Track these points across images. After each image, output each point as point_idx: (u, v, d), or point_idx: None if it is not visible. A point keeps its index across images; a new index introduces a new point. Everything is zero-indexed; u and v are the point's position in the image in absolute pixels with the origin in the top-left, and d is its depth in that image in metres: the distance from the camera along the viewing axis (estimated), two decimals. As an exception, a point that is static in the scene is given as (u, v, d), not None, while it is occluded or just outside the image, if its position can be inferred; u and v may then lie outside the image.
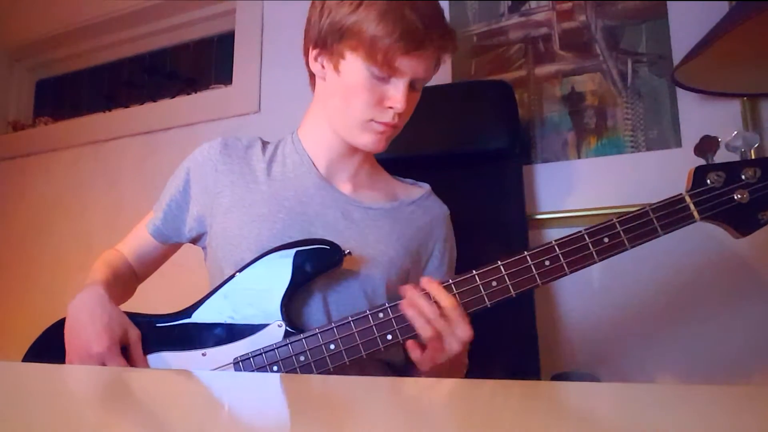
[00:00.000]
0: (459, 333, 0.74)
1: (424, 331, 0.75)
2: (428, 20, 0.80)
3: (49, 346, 0.86)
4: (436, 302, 0.75)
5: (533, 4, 1.38)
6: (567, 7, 1.34)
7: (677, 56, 1.21)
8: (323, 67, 0.87)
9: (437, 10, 0.83)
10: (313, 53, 0.87)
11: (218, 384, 0.61)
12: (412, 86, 0.84)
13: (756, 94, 1.14)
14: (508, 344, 0.80)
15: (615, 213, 1.16)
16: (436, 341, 0.75)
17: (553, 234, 1.27)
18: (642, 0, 1.27)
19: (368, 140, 0.86)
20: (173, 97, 1.93)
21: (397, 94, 0.82)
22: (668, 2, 1.25)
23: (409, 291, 0.76)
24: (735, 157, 0.78)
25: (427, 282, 0.76)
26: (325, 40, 0.84)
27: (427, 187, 1.01)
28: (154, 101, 1.95)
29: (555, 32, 1.35)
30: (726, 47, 1.00)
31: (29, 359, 0.87)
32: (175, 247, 1.01)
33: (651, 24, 1.26)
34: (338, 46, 0.83)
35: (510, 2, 1.40)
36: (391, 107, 0.83)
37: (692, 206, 0.76)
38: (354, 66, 0.82)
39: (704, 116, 1.18)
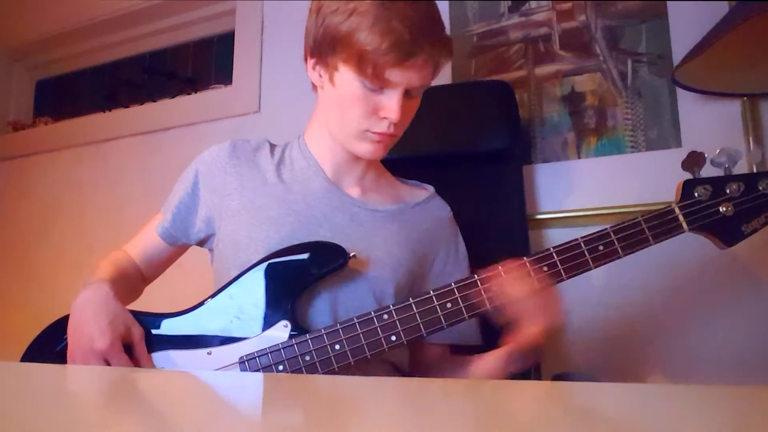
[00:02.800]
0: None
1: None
2: (417, 30, 0.77)
3: (47, 347, 0.86)
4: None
5: (533, 4, 1.38)
6: (567, 7, 1.34)
7: (677, 56, 1.21)
8: (320, 76, 0.87)
9: (428, 17, 0.80)
10: (310, 62, 0.87)
11: (222, 384, 0.61)
12: (408, 94, 0.83)
13: (756, 94, 1.14)
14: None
15: (615, 213, 1.17)
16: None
17: (554, 234, 1.27)
18: (642, 0, 1.27)
19: (365, 149, 0.86)
20: (173, 97, 1.92)
21: (390, 104, 0.81)
22: (668, 2, 1.25)
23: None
24: (721, 172, 0.82)
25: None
26: (321, 50, 0.83)
27: (431, 188, 1.01)
28: (154, 101, 1.94)
29: (555, 32, 1.35)
30: (726, 47, 1.00)
31: (27, 359, 0.87)
32: (183, 248, 1.01)
33: (651, 24, 1.26)
34: (332, 58, 0.82)
35: (510, 2, 1.40)
36: (385, 117, 0.82)
37: (681, 218, 0.80)
38: (347, 78, 0.81)
39: (704, 116, 1.19)
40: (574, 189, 1.28)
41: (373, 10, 0.77)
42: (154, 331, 0.84)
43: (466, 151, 1.23)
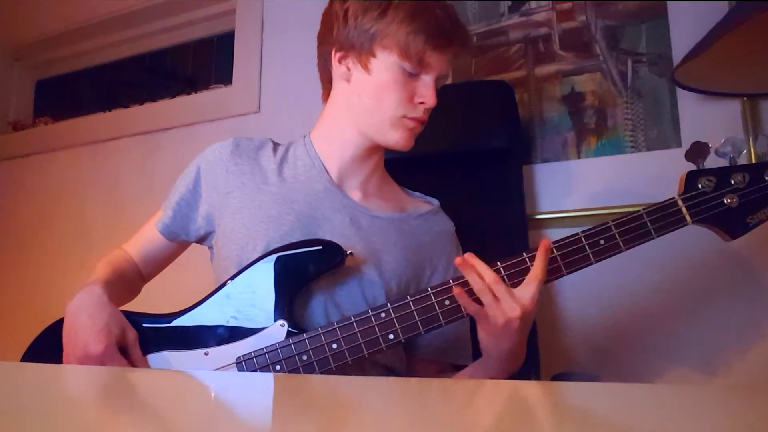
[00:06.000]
0: (521, 294, 0.74)
1: (484, 294, 0.74)
2: (454, 20, 0.87)
3: (47, 347, 0.86)
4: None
5: (533, 4, 1.38)
6: (567, 7, 1.34)
7: (677, 56, 1.21)
8: (349, 69, 0.88)
9: (455, 11, 0.89)
10: (337, 56, 0.89)
11: (220, 384, 0.61)
12: (435, 83, 0.87)
13: (756, 94, 1.14)
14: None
15: (615, 213, 1.17)
16: (496, 304, 0.74)
17: (553, 234, 1.27)
18: (642, 0, 1.27)
19: (399, 137, 0.87)
20: (173, 97, 1.93)
21: (427, 89, 0.86)
22: (668, 2, 1.25)
23: (469, 258, 0.76)
24: (725, 163, 0.80)
25: (470, 256, 0.77)
26: (353, 42, 0.86)
27: (435, 202, 1.01)
28: (154, 101, 1.95)
29: (555, 32, 1.35)
30: (726, 47, 1.00)
31: (27, 359, 0.87)
32: (183, 246, 1.01)
33: (651, 24, 1.26)
34: (369, 46, 0.85)
35: (510, 2, 1.40)
36: (422, 102, 0.86)
37: (684, 210, 0.79)
38: (386, 64, 0.85)
39: (704, 116, 1.19)
40: (574, 189, 1.28)
41: (408, 3, 0.84)
42: (149, 332, 0.83)
43: (466, 151, 1.23)
